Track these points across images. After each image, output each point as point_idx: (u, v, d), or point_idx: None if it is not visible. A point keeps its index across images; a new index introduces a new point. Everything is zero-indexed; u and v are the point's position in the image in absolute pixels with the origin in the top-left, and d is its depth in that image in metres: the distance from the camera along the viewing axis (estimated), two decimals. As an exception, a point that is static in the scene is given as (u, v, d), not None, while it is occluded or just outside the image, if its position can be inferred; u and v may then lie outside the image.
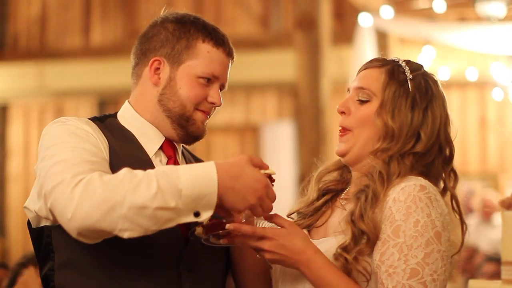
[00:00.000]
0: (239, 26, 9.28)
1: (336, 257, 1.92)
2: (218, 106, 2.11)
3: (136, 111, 2.11)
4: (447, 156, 2.06)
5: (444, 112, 2.06)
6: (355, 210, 1.94)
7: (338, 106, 2.08)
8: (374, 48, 7.02)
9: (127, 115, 2.12)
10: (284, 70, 8.42)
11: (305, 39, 6.31)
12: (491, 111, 8.84)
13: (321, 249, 1.95)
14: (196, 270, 2.02)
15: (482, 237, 7.15)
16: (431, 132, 2.02)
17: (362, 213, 1.92)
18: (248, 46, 8.75)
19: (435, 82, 2.09)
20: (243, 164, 1.87)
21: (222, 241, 1.93)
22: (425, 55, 7.08)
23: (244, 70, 8.35)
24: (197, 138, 2.11)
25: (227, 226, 1.89)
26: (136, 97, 2.13)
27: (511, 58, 7.18)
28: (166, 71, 2.07)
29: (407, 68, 2.06)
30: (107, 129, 2.05)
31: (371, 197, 1.94)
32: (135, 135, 2.08)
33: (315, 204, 2.13)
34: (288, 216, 2.17)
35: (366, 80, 2.06)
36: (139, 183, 1.79)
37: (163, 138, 2.10)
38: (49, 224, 1.94)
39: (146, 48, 2.10)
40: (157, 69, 2.08)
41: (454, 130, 2.09)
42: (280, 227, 1.95)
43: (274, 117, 9.45)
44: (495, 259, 5.41)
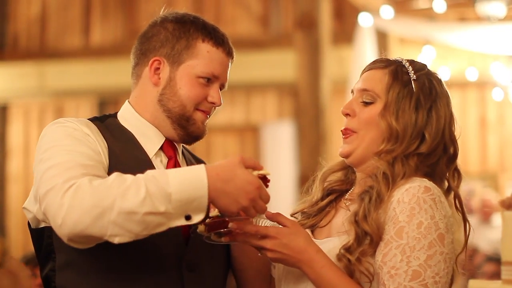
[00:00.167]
0: (239, 26, 9.27)
1: (339, 257, 1.91)
2: (218, 106, 2.11)
3: (136, 111, 2.11)
4: (451, 155, 2.05)
5: (448, 111, 2.05)
6: (359, 210, 1.94)
7: (343, 108, 2.07)
8: (374, 48, 7.02)
9: (127, 115, 2.12)
10: (284, 70, 8.41)
11: (305, 39, 6.30)
12: (491, 111, 8.83)
13: (324, 249, 1.95)
14: (197, 270, 2.02)
15: (481, 238, 7.15)
16: (435, 132, 2.01)
17: (366, 214, 1.92)
18: (248, 46, 8.75)
19: (439, 81, 2.08)
20: (234, 166, 1.86)
21: (223, 239, 1.92)
22: (425, 55, 7.07)
23: (244, 70, 8.35)
24: (197, 138, 2.11)
25: (230, 225, 1.89)
26: (136, 97, 2.12)
27: (511, 58, 7.18)
28: (166, 71, 2.07)
29: (410, 69, 2.05)
30: (107, 130, 2.05)
31: (375, 198, 1.94)
32: (135, 135, 2.08)
33: (319, 204, 2.12)
34: (292, 215, 2.17)
35: (370, 81, 2.06)
36: (128, 188, 1.78)
37: (164, 139, 2.09)
38: (50, 225, 1.93)
39: (146, 48, 2.10)
40: (157, 69, 2.07)
41: (458, 128, 2.08)
42: (282, 226, 1.95)
43: (274, 117, 9.44)
44: (495, 259, 5.41)
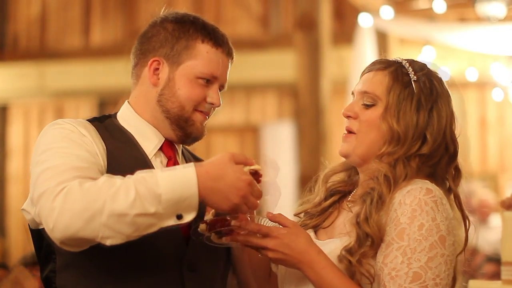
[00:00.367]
0: (239, 26, 9.27)
1: (340, 259, 1.91)
2: (218, 107, 2.10)
3: (135, 112, 2.10)
4: (452, 154, 2.04)
5: (449, 110, 2.05)
6: (361, 212, 1.94)
7: (344, 110, 2.07)
8: (374, 48, 7.01)
9: (126, 115, 2.11)
10: (284, 70, 8.40)
11: (305, 39, 6.30)
12: (491, 111, 8.83)
13: (325, 250, 1.95)
14: (197, 270, 2.02)
15: (480, 238, 7.13)
16: (437, 133, 2.01)
17: (367, 216, 1.92)
18: (248, 46, 8.74)
19: (439, 80, 2.07)
20: (224, 163, 1.85)
21: (224, 239, 1.92)
22: (425, 55, 7.07)
23: (244, 70, 8.34)
24: (196, 139, 2.10)
25: (233, 222, 1.88)
26: (135, 98, 2.12)
27: (511, 58, 7.18)
28: (165, 71, 2.07)
29: (410, 69, 2.05)
30: (106, 130, 2.05)
31: (376, 200, 1.93)
32: (134, 135, 2.08)
33: (323, 205, 2.12)
34: (295, 215, 2.17)
35: (370, 83, 2.05)
36: (118, 190, 1.78)
37: (163, 139, 2.09)
38: None
39: (145, 48, 2.09)
40: (156, 69, 2.07)
41: (459, 127, 2.07)
42: (283, 227, 1.95)
43: (274, 117, 9.43)
44: (495, 259, 5.41)
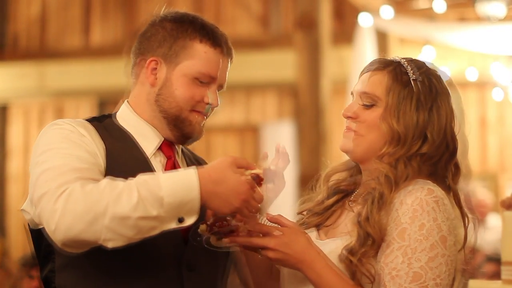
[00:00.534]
0: (239, 26, 9.27)
1: (341, 258, 1.91)
2: (215, 107, 2.09)
3: (134, 111, 2.10)
4: (451, 151, 2.04)
5: (449, 108, 2.04)
6: (362, 212, 1.94)
7: (344, 111, 2.06)
8: (374, 48, 7.02)
9: (125, 115, 2.11)
10: (284, 70, 8.40)
11: (305, 39, 6.30)
12: (491, 111, 8.82)
13: (326, 249, 1.95)
14: (196, 269, 2.01)
15: (478, 238, 7.09)
16: (437, 131, 2.00)
17: (369, 216, 1.92)
18: (248, 46, 8.74)
19: (438, 78, 2.06)
20: (226, 167, 1.85)
21: (224, 240, 1.92)
22: (425, 55, 7.07)
23: (244, 70, 8.35)
24: (194, 139, 2.10)
25: (234, 222, 1.89)
26: (134, 97, 2.12)
27: (511, 58, 7.18)
28: (163, 71, 2.06)
29: (409, 68, 2.04)
30: (106, 130, 2.05)
31: (377, 200, 1.93)
32: (133, 135, 2.07)
33: (325, 203, 2.11)
34: (298, 214, 2.17)
35: (370, 84, 2.04)
36: (121, 193, 1.78)
37: (162, 139, 2.09)
38: None
39: (144, 48, 2.09)
40: (154, 69, 2.07)
41: (458, 124, 2.06)
42: (283, 227, 1.95)
43: (274, 117, 9.43)
44: (495, 259, 5.40)
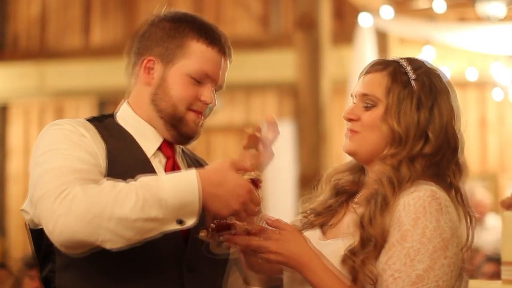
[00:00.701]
0: (239, 26, 9.27)
1: (344, 260, 1.91)
2: (212, 106, 2.08)
3: (134, 111, 2.10)
4: (453, 150, 2.02)
5: (449, 106, 2.03)
6: (365, 214, 1.93)
7: (345, 113, 2.06)
8: (374, 48, 7.02)
9: (125, 115, 2.11)
10: (284, 70, 8.40)
11: (305, 39, 6.30)
12: (491, 111, 8.82)
13: (328, 250, 1.95)
14: (197, 270, 2.01)
15: (477, 240, 7.10)
16: (439, 130, 1.99)
17: (371, 218, 1.91)
18: (248, 46, 8.74)
19: (438, 77, 2.05)
20: (225, 170, 1.86)
21: (225, 245, 1.92)
22: (425, 55, 7.07)
23: (244, 70, 8.35)
24: (190, 138, 2.09)
25: (238, 223, 1.89)
26: (134, 97, 2.12)
27: (511, 58, 7.17)
28: (159, 71, 2.06)
29: (409, 68, 2.03)
30: (106, 130, 2.04)
31: (380, 203, 1.93)
32: (133, 135, 2.07)
33: (328, 203, 2.11)
34: (301, 213, 2.16)
35: (369, 85, 2.04)
36: (122, 194, 1.78)
37: (162, 139, 2.09)
38: None
39: (142, 48, 2.09)
40: (150, 68, 2.07)
41: (459, 123, 2.05)
42: (278, 228, 1.95)
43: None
44: (495, 259, 5.41)
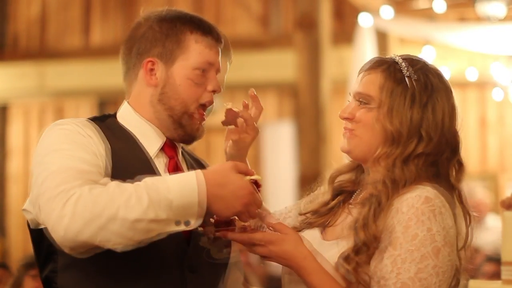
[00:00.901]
0: (239, 26, 9.27)
1: (337, 266, 1.91)
2: (219, 92, 2.10)
3: (136, 112, 2.10)
4: (453, 149, 2.00)
5: (448, 104, 2.00)
6: (359, 218, 1.93)
7: (340, 112, 2.05)
8: (374, 48, 7.02)
9: (127, 115, 2.11)
10: (284, 70, 8.40)
11: (305, 39, 6.30)
12: (491, 111, 8.82)
13: (325, 254, 1.95)
14: (198, 271, 2.02)
15: (477, 238, 7.08)
16: (433, 129, 1.97)
17: (365, 223, 1.90)
18: (248, 46, 8.74)
19: (436, 74, 2.02)
20: (228, 172, 1.87)
21: (217, 234, 1.94)
22: (425, 55, 7.07)
23: (244, 70, 8.34)
24: (196, 138, 2.11)
25: (218, 234, 1.93)
26: (135, 98, 2.11)
27: (511, 58, 7.17)
28: (161, 70, 2.06)
29: (403, 65, 2.00)
30: (108, 129, 2.04)
31: (374, 208, 1.91)
32: (136, 135, 2.07)
33: (330, 204, 2.10)
34: (301, 215, 2.16)
35: (364, 84, 2.03)
36: (130, 197, 1.78)
37: (164, 139, 2.09)
38: None
39: (136, 51, 2.09)
40: (151, 70, 2.07)
41: (459, 123, 2.03)
42: (278, 231, 1.95)
43: (274, 117, 9.43)
44: (495, 259, 5.41)
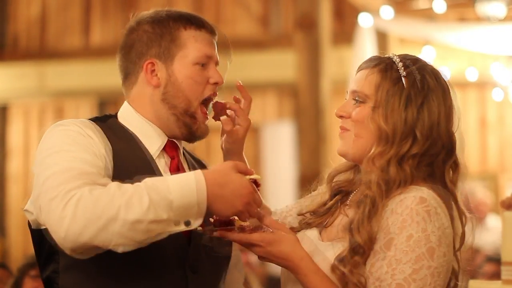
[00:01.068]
0: (239, 26, 9.27)
1: (333, 268, 1.90)
2: (221, 84, 2.11)
3: (137, 112, 2.10)
4: (448, 150, 1.98)
5: (445, 104, 1.98)
6: (354, 219, 1.92)
7: (336, 110, 2.04)
8: (374, 48, 7.02)
9: (128, 116, 2.11)
10: (284, 70, 8.41)
11: (305, 39, 6.31)
12: (491, 111, 8.83)
13: (320, 255, 1.94)
14: (200, 271, 2.02)
15: (478, 239, 7.08)
16: (428, 129, 1.95)
17: (359, 225, 1.90)
18: (248, 46, 8.75)
19: (433, 74, 2.00)
20: (229, 171, 1.88)
21: (215, 234, 1.94)
22: (425, 55, 7.07)
23: (244, 70, 8.34)
24: (200, 137, 2.12)
25: (215, 233, 1.93)
26: (136, 99, 2.11)
27: (511, 58, 7.18)
28: (162, 70, 2.07)
29: (400, 65, 1.99)
30: (110, 130, 2.05)
31: (368, 209, 1.91)
32: (137, 135, 2.08)
33: (328, 204, 2.10)
34: (299, 215, 2.16)
35: (360, 82, 2.02)
36: (131, 198, 1.78)
37: (166, 138, 2.10)
38: None
39: (133, 56, 2.10)
40: (152, 71, 2.07)
41: (457, 122, 2.01)
42: (276, 231, 1.95)
43: (274, 117, 9.43)
44: (495, 259, 5.41)
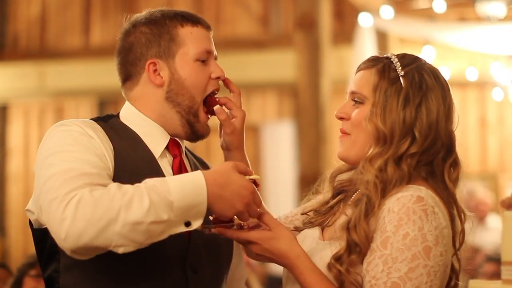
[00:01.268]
0: (239, 26, 9.26)
1: (329, 267, 1.91)
2: (223, 78, 2.12)
3: (140, 111, 2.11)
4: (448, 149, 1.98)
5: (443, 104, 1.98)
6: (351, 218, 1.93)
7: (336, 112, 2.04)
8: (374, 48, 7.02)
9: (130, 115, 2.12)
10: (284, 70, 8.41)
11: (305, 39, 6.31)
12: (491, 111, 8.83)
13: (319, 254, 1.95)
14: (200, 271, 2.03)
15: (478, 238, 7.10)
16: (427, 129, 1.95)
17: (356, 223, 1.90)
18: (248, 46, 8.75)
19: (431, 73, 2.00)
20: (229, 172, 1.88)
21: (213, 231, 1.95)
22: (425, 55, 7.07)
23: (244, 70, 8.35)
24: (202, 136, 2.13)
25: (212, 230, 1.93)
26: (138, 98, 2.12)
27: (511, 58, 7.18)
28: (165, 69, 2.08)
29: (398, 64, 1.99)
30: (112, 129, 2.05)
31: (365, 208, 1.91)
32: (140, 135, 2.08)
33: (330, 203, 2.10)
34: (303, 214, 2.16)
35: (358, 83, 2.02)
36: (131, 198, 1.78)
37: (168, 137, 2.10)
38: None
39: (133, 59, 2.10)
40: (155, 71, 2.08)
41: (457, 121, 2.01)
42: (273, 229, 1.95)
43: (274, 117, 9.43)
44: (495, 259, 5.41)
